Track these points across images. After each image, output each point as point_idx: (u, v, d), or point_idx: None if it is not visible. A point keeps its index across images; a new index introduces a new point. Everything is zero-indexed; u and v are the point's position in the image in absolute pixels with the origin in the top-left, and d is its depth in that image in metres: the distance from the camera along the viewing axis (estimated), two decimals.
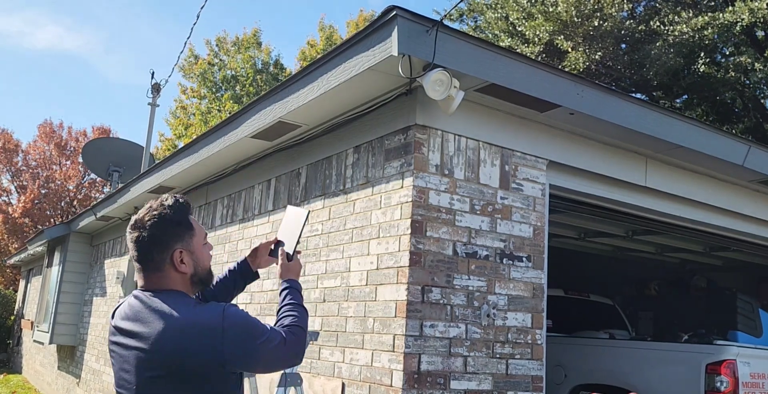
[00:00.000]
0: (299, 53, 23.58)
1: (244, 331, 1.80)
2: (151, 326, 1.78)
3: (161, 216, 1.88)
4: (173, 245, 1.88)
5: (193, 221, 1.96)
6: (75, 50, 53.37)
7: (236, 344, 1.77)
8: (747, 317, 7.30)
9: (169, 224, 1.89)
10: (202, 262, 1.95)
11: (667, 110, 4.19)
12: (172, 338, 1.75)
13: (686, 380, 4.58)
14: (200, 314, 1.80)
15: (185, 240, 1.91)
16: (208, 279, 1.99)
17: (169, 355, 1.75)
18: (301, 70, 3.65)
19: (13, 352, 17.19)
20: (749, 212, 5.05)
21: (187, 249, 1.90)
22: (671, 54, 10.38)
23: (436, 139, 3.38)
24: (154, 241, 1.87)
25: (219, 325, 1.77)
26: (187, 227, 1.93)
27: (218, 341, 1.75)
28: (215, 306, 1.85)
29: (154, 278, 1.90)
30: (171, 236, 1.89)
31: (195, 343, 1.74)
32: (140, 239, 1.88)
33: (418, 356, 3.12)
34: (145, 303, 1.84)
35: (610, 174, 4.12)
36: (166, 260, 1.88)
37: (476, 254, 3.40)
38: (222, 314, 1.80)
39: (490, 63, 3.23)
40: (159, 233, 1.87)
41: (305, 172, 4.26)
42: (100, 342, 8.16)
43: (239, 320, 1.82)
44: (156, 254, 1.88)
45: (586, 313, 7.29)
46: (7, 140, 27.24)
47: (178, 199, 1.95)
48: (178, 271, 1.89)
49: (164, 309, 1.80)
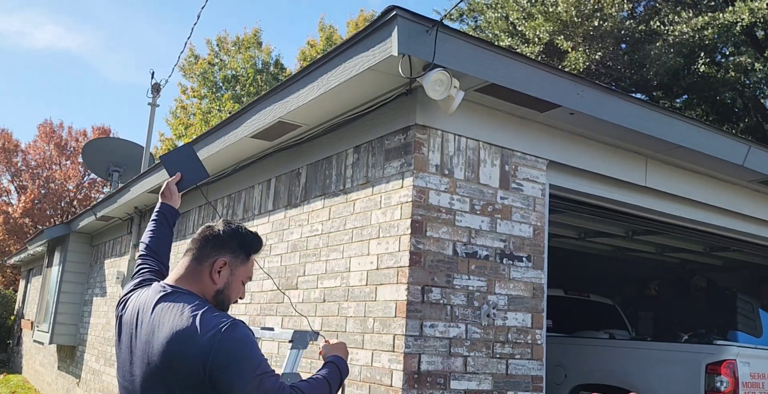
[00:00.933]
0: (299, 53, 23.59)
1: (239, 351, 1.78)
2: (162, 327, 1.83)
3: (239, 232, 2.06)
4: (224, 253, 2.01)
5: (251, 257, 2.09)
6: (74, 50, 53.42)
7: (225, 359, 1.75)
8: (747, 317, 7.30)
9: (237, 239, 2.05)
10: (232, 290, 2.04)
11: (667, 110, 4.19)
12: (173, 340, 1.79)
13: (686, 380, 4.58)
14: (205, 321, 1.80)
15: (235, 262, 2.03)
16: (225, 306, 2.03)
17: (167, 356, 1.79)
18: (301, 70, 3.65)
19: (13, 352, 17.19)
20: (749, 212, 5.05)
21: (231, 267, 2.02)
22: (671, 54, 10.38)
23: (436, 139, 3.38)
24: (218, 240, 2.02)
25: (216, 336, 1.77)
26: (245, 252, 2.06)
27: (207, 356, 1.75)
28: (223, 317, 1.84)
29: (190, 270, 1.99)
30: (231, 247, 2.03)
31: (189, 348, 1.77)
32: (210, 233, 2.03)
33: (418, 356, 3.12)
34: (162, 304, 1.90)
35: (610, 174, 4.12)
36: (211, 259, 1.99)
37: (476, 254, 3.40)
38: (226, 326, 1.79)
39: (490, 63, 3.23)
40: (226, 238, 2.03)
41: (305, 172, 4.26)
42: (100, 342, 8.16)
43: (239, 338, 1.80)
44: (208, 251, 2.00)
45: (586, 313, 7.29)
46: (7, 140, 27.24)
47: (258, 237, 2.13)
48: (211, 278, 1.99)
49: (177, 311, 1.84)
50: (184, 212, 6.32)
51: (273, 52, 24.34)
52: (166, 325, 1.82)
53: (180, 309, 1.84)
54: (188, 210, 6.26)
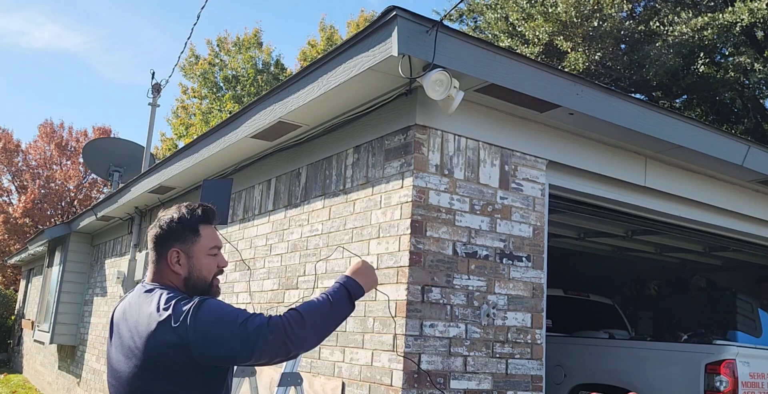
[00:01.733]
0: (300, 53, 23.60)
1: (212, 320, 1.81)
2: (138, 323, 1.89)
3: (173, 216, 2.03)
4: (172, 243, 2.00)
5: (203, 229, 2.04)
6: (74, 49, 53.43)
7: (204, 335, 1.79)
8: (747, 317, 7.31)
9: (176, 224, 2.01)
10: (200, 270, 2.02)
11: (667, 110, 4.19)
12: (150, 334, 1.84)
13: (686, 380, 4.59)
14: (176, 307, 1.85)
15: (186, 243, 2.01)
16: (205, 290, 2.02)
17: (148, 351, 1.84)
18: (301, 70, 3.66)
19: (13, 352, 17.19)
20: (749, 212, 5.06)
21: (185, 252, 2.00)
22: (671, 54, 10.38)
23: (436, 139, 3.39)
24: (160, 236, 2.02)
25: (190, 316, 1.81)
26: (192, 231, 2.02)
27: (183, 334, 1.79)
28: (191, 301, 1.88)
29: (155, 270, 2.03)
30: (173, 234, 2.01)
31: (167, 341, 1.81)
32: (153, 230, 2.04)
33: (418, 356, 3.13)
34: (139, 300, 1.96)
35: (609, 174, 4.13)
36: (164, 255, 2.00)
37: (476, 253, 3.41)
38: (196, 305, 1.84)
39: (490, 63, 3.23)
40: (165, 229, 2.01)
41: (305, 172, 4.26)
42: (100, 342, 8.17)
43: (208, 309, 1.83)
44: (159, 248, 2.02)
45: (586, 313, 7.29)
46: (8, 140, 27.24)
47: (199, 206, 2.07)
48: (172, 270, 2.00)
49: (153, 306, 1.88)
50: None
51: (273, 52, 24.40)
52: (144, 320, 1.87)
53: (156, 303, 1.88)
54: None
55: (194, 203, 2.09)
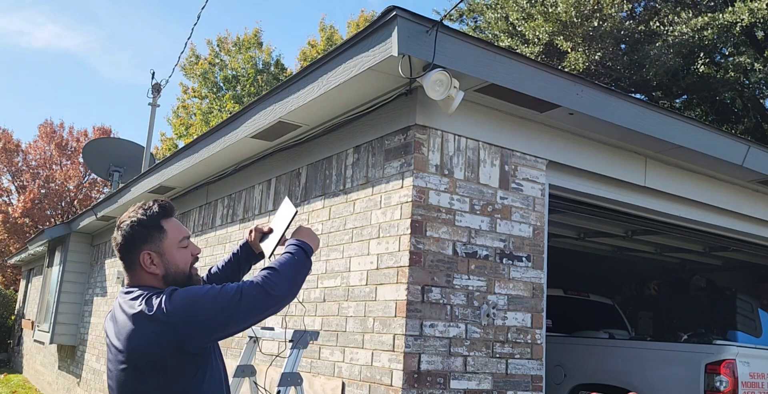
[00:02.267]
0: (300, 53, 23.60)
1: (187, 300, 1.84)
2: (119, 324, 1.91)
3: (132, 220, 2.00)
4: (141, 247, 1.98)
5: (166, 224, 2.03)
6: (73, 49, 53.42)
7: (183, 308, 1.82)
8: (747, 317, 7.30)
9: (138, 227, 1.99)
10: (176, 264, 2.01)
11: (667, 110, 4.19)
12: (131, 331, 1.85)
13: (686, 380, 4.59)
14: (148, 300, 1.86)
15: (155, 243, 1.99)
16: (186, 282, 2.02)
17: (132, 349, 1.85)
18: (301, 70, 3.66)
19: (13, 352, 17.19)
20: (749, 212, 5.06)
21: (156, 251, 1.99)
22: (671, 54, 10.38)
23: (436, 139, 3.38)
24: (126, 242, 2.00)
25: (163, 302, 1.83)
26: (157, 229, 2.00)
27: (167, 322, 1.80)
28: (164, 292, 1.89)
29: (131, 275, 2.02)
30: (139, 238, 1.99)
31: (148, 332, 1.82)
32: (116, 240, 2.02)
33: (418, 356, 3.13)
34: (120, 302, 1.97)
35: (609, 174, 4.13)
36: (136, 260, 1.99)
37: (476, 253, 3.41)
38: (168, 292, 1.86)
39: (490, 63, 3.23)
40: (129, 235, 1.99)
41: (305, 172, 4.26)
42: (100, 342, 8.17)
43: (184, 294, 1.86)
44: (128, 254, 2.00)
45: (586, 313, 7.29)
46: (7, 140, 27.24)
47: (155, 203, 2.05)
48: (148, 272, 1.99)
49: (130, 306, 1.90)
50: (184, 211, 6.33)
51: (273, 52, 24.39)
52: (123, 321, 1.89)
53: (133, 302, 1.90)
54: (189, 210, 6.27)
55: (147, 202, 2.07)
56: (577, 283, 7.72)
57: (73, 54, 54.28)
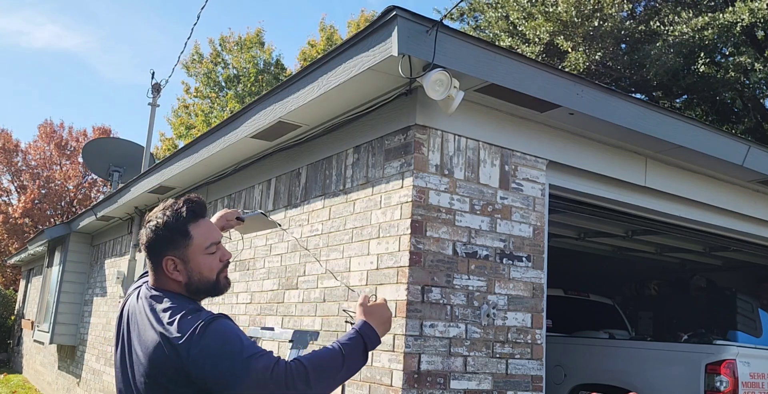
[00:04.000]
0: (300, 53, 23.59)
1: (217, 345, 1.69)
2: (142, 333, 1.82)
3: (159, 222, 1.89)
4: (164, 252, 1.88)
5: (194, 229, 1.90)
6: (73, 49, 53.43)
7: (204, 361, 1.68)
8: (747, 317, 7.30)
9: (162, 231, 1.88)
10: (200, 272, 1.90)
11: (667, 110, 4.19)
12: (152, 350, 1.76)
13: (686, 380, 4.59)
14: (181, 326, 1.73)
15: (178, 249, 1.87)
16: (211, 290, 1.93)
17: (148, 365, 1.77)
18: (301, 70, 3.65)
19: (13, 352, 17.19)
20: (749, 212, 5.06)
21: (180, 258, 1.87)
22: (671, 54, 10.38)
23: (436, 139, 3.38)
24: (150, 244, 1.90)
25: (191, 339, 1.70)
26: (181, 234, 1.88)
27: (184, 356, 1.69)
28: (201, 316, 1.76)
29: (156, 276, 1.93)
30: (164, 243, 1.88)
31: (165, 359, 1.72)
32: (141, 239, 1.93)
33: (418, 356, 3.13)
34: (145, 306, 1.88)
35: (609, 174, 4.13)
36: (159, 264, 1.89)
37: (476, 253, 3.41)
38: (202, 326, 1.71)
39: (490, 63, 3.23)
40: (153, 238, 1.89)
41: (305, 172, 4.26)
42: (100, 342, 8.17)
43: (214, 333, 1.71)
44: (152, 257, 1.91)
45: (586, 313, 7.29)
46: (7, 140, 27.24)
47: (187, 203, 1.92)
48: (171, 278, 1.89)
49: (158, 320, 1.80)
50: None
51: (273, 52, 24.37)
52: (150, 331, 1.79)
53: (161, 315, 1.79)
54: None
55: (178, 201, 1.93)
56: (577, 283, 7.72)
57: (73, 54, 54.33)
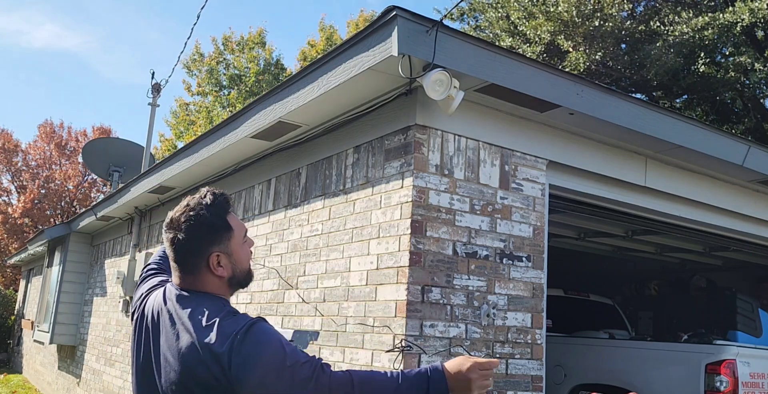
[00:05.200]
0: (299, 53, 23.58)
1: (259, 352, 1.60)
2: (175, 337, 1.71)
3: (198, 218, 1.76)
4: (210, 249, 1.77)
5: (231, 220, 1.82)
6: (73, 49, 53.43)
7: (248, 368, 1.58)
8: (747, 317, 7.31)
9: (205, 227, 1.77)
10: (241, 263, 1.84)
11: (667, 110, 4.19)
12: (186, 355, 1.66)
13: (686, 380, 4.59)
14: (222, 330, 1.64)
15: (223, 243, 1.79)
16: (246, 280, 1.87)
17: (181, 371, 1.66)
18: (301, 70, 3.65)
19: (13, 352, 17.20)
20: (749, 212, 5.06)
21: (225, 252, 1.79)
22: (671, 54, 10.38)
23: (436, 139, 3.38)
24: (190, 244, 1.76)
25: (231, 346, 1.60)
26: (224, 228, 1.80)
27: (225, 365, 1.59)
28: (239, 320, 1.67)
29: (189, 279, 1.80)
30: (208, 239, 1.77)
31: (201, 365, 1.62)
32: (176, 240, 1.78)
33: (418, 356, 3.13)
34: (177, 309, 1.77)
35: (609, 174, 4.13)
36: (201, 264, 1.77)
37: (476, 253, 3.41)
38: (242, 330, 1.62)
39: (490, 63, 3.23)
40: (195, 236, 1.76)
41: (305, 172, 4.26)
42: (100, 342, 8.17)
43: (257, 338, 1.63)
44: (191, 257, 1.78)
45: (586, 313, 7.29)
46: (7, 140, 27.25)
47: (217, 196, 1.82)
48: (215, 275, 1.79)
49: (191, 320, 1.71)
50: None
51: (274, 52, 24.36)
52: (184, 335, 1.68)
53: (197, 318, 1.69)
54: None
55: (204, 196, 1.82)
56: (577, 283, 7.72)
57: (72, 54, 54.33)
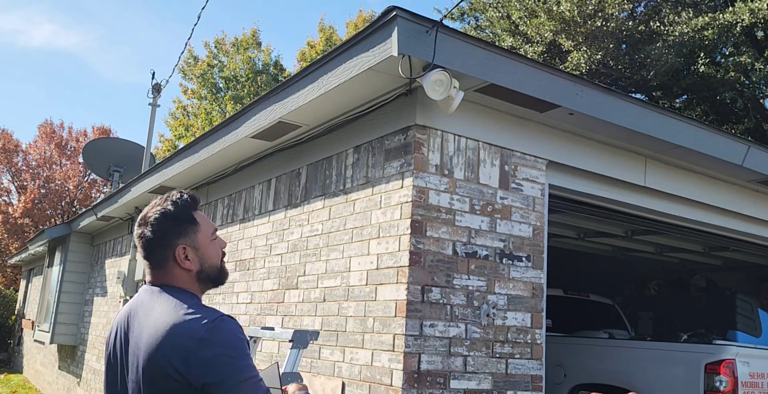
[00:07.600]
0: (299, 54, 23.60)
1: (226, 354, 1.65)
2: (143, 327, 1.75)
3: (163, 212, 1.86)
4: (176, 241, 1.85)
5: (198, 216, 1.91)
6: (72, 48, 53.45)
7: (211, 365, 1.63)
8: (747, 317, 7.31)
9: (171, 220, 1.86)
10: (210, 259, 1.90)
11: (667, 110, 4.20)
12: (151, 345, 1.69)
13: (685, 380, 4.59)
14: (186, 322, 1.69)
15: (189, 236, 1.87)
16: (218, 277, 1.93)
17: (144, 364, 1.69)
18: (301, 70, 3.66)
19: (13, 352, 17.20)
20: (749, 212, 5.06)
21: (191, 245, 1.87)
22: (671, 54, 10.39)
23: (436, 139, 3.39)
24: (157, 237, 1.85)
25: (198, 339, 1.65)
26: (190, 221, 1.88)
27: (192, 356, 1.63)
28: (207, 314, 1.71)
29: (159, 274, 1.87)
30: (174, 231, 1.86)
31: (165, 356, 1.65)
32: (144, 235, 1.86)
33: (418, 356, 3.13)
34: (147, 302, 1.82)
35: (609, 174, 4.13)
36: (169, 256, 1.85)
37: (476, 253, 3.41)
38: (209, 325, 1.67)
39: (490, 63, 3.23)
40: (161, 229, 1.85)
41: (305, 172, 4.27)
42: (100, 342, 8.17)
43: (223, 336, 1.67)
44: (159, 250, 1.85)
45: (586, 313, 7.30)
46: (7, 140, 27.25)
47: (183, 194, 1.92)
48: (183, 268, 1.85)
49: (161, 306, 1.76)
50: None
51: (272, 52, 24.38)
52: (150, 329, 1.72)
53: (165, 311, 1.74)
54: None
55: (171, 194, 1.92)
56: (577, 283, 7.73)
57: (71, 53, 54.34)
